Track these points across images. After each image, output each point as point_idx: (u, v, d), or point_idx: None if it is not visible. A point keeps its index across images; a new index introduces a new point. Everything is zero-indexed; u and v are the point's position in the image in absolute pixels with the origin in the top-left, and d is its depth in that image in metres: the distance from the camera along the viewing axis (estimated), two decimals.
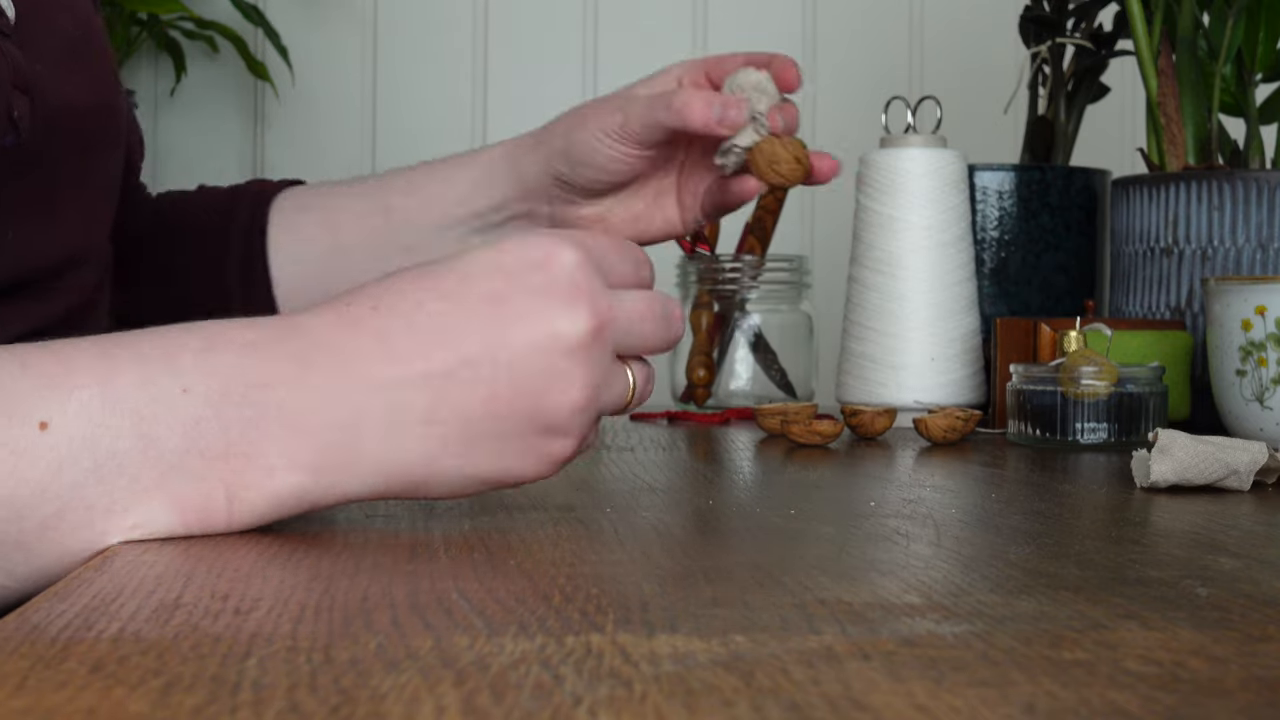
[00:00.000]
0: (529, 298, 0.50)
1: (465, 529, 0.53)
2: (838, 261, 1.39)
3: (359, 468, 0.50)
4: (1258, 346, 0.86)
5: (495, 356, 0.50)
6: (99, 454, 0.47)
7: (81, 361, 0.48)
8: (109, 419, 0.47)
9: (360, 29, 1.99)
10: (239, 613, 0.38)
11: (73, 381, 0.47)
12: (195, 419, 0.48)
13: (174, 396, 0.48)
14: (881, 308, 1.07)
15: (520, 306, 0.50)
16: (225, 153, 1.99)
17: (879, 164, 1.09)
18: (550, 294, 0.50)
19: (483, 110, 1.99)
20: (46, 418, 0.47)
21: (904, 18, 2.00)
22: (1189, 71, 1.08)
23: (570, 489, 0.65)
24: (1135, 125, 1.93)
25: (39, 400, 0.47)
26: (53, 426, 0.47)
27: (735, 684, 0.31)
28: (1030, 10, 1.28)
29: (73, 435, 0.47)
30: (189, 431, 0.48)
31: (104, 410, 0.47)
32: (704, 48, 2.00)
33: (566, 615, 0.38)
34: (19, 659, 0.33)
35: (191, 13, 1.86)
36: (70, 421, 0.47)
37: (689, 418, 1.15)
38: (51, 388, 0.47)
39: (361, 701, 0.29)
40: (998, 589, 0.42)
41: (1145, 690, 0.31)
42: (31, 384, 0.47)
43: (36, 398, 0.47)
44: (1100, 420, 0.89)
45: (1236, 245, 1.04)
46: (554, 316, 0.50)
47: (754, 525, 0.56)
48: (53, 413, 0.47)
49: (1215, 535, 0.54)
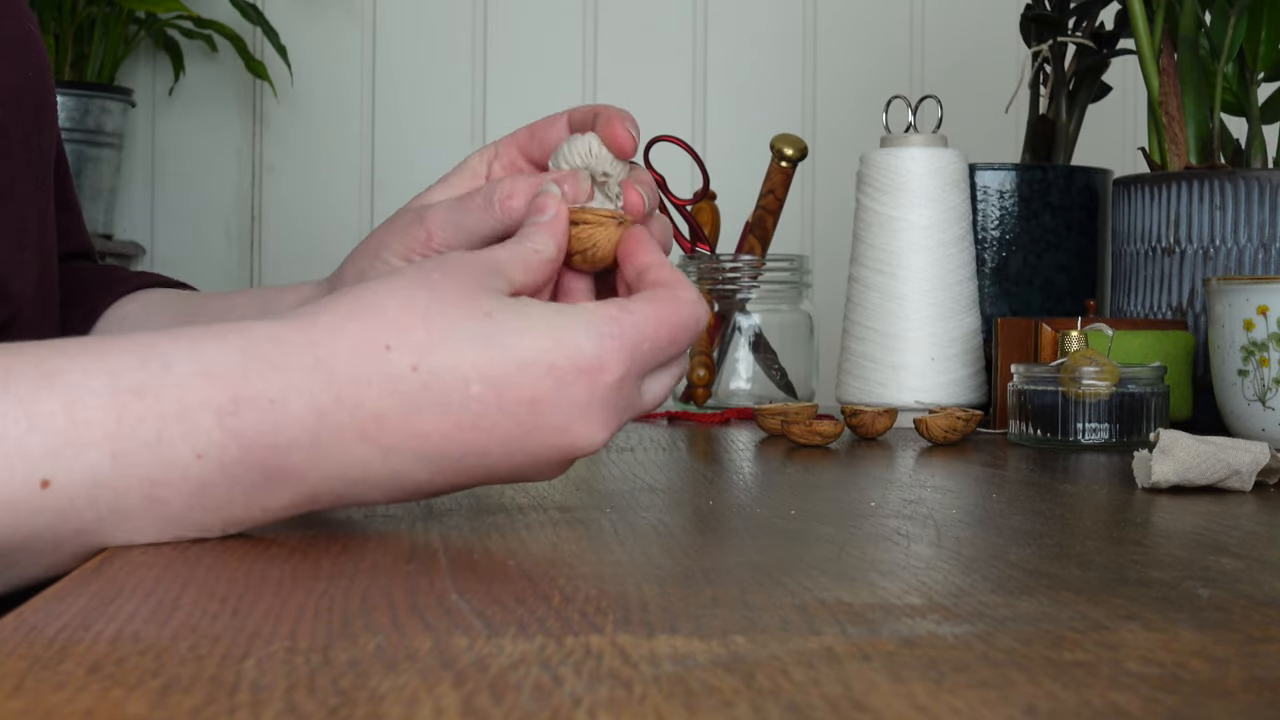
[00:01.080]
0: (566, 412, 0.49)
1: (465, 529, 0.53)
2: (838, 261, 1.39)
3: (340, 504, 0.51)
4: (1260, 346, 0.86)
5: (511, 455, 0.50)
6: (102, 510, 0.46)
7: (92, 413, 0.45)
8: (116, 480, 0.46)
9: (360, 29, 1.98)
10: (237, 614, 0.38)
11: (82, 439, 0.45)
12: (203, 484, 0.47)
13: (188, 462, 0.46)
14: (882, 308, 1.07)
15: (554, 419, 0.49)
16: (224, 152, 1.99)
17: (879, 164, 1.08)
18: (588, 413, 0.50)
19: (482, 110, 1.98)
20: (50, 477, 0.45)
21: (904, 18, 2.00)
22: (1191, 71, 1.08)
23: (570, 489, 0.65)
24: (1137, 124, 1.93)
25: (44, 459, 0.45)
26: (56, 486, 0.45)
27: (735, 684, 0.31)
28: (1031, 9, 1.28)
29: (76, 495, 0.46)
30: (196, 494, 0.47)
31: (113, 473, 0.46)
32: (704, 48, 2.00)
33: (566, 616, 0.38)
34: (17, 660, 0.33)
35: (190, 12, 1.86)
36: (75, 481, 0.45)
37: (689, 418, 1.15)
38: (58, 447, 0.45)
39: (360, 702, 0.29)
40: (998, 589, 0.42)
41: (1146, 691, 0.30)
42: (37, 440, 0.45)
43: (41, 456, 0.45)
44: (1101, 420, 0.89)
45: (1238, 245, 1.04)
46: (581, 434, 0.50)
47: (754, 525, 0.56)
48: (58, 473, 0.45)
49: (1217, 536, 0.53)
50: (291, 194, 1.98)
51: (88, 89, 1.84)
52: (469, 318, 0.49)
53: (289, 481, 0.48)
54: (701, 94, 1.99)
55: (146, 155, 1.98)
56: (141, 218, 1.99)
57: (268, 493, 0.48)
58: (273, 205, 1.98)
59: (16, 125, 0.73)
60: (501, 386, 0.48)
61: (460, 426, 0.48)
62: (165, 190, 1.99)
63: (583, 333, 0.50)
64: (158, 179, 1.99)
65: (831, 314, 1.39)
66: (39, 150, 0.76)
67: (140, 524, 0.47)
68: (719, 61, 1.99)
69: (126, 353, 0.47)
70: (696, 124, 1.99)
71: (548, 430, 0.49)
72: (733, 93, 1.99)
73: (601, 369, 0.50)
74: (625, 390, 0.51)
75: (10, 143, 0.72)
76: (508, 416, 0.49)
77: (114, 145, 1.88)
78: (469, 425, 0.48)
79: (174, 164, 1.99)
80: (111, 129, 1.87)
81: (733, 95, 1.99)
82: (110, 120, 1.86)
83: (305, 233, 1.98)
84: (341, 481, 0.49)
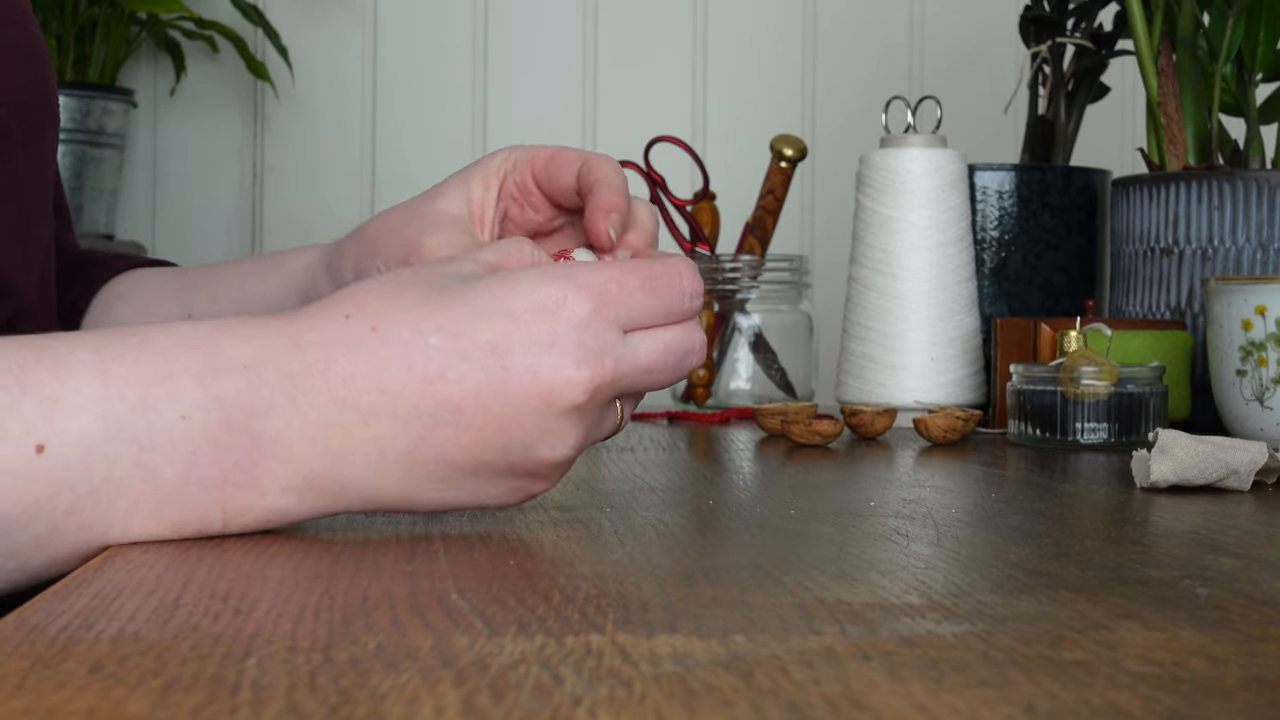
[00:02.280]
0: (531, 351, 0.49)
1: (465, 529, 0.53)
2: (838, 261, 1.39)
3: (342, 494, 0.50)
4: (1258, 346, 0.86)
5: (486, 406, 0.49)
6: (96, 480, 0.47)
7: (79, 378, 0.47)
8: (108, 446, 0.47)
9: (360, 29, 1.98)
10: (238, 613, 0.38)
11: (72, 402, 0.47)
12: (193, 450, 0.48)
13: (173, 424, 0.47)
14: (881, 308, 1.07)
15: (520, 360, 0.49)
16: (225, 152, 1.99)
17: (879, 164, 1.08)
18: (553, 350, 0.49)
19: (483, 110, 1.99)
20: (44, 441, 0.46)
21: (903, 18, 2.00)
22: (1189, 71, 1.08)
23: (570, 489, 0.65)
24: (1135, 125, 1.93)
25: (38, 423, 0.46)
26: (50, 450, 0.46)
27: (735, 684, 0.31)
28: (1030, 10, 1.28)
29: (70, 460, 0.46)
30: (186, 461, 0.48)
31: (104, 437, 0.47)
32: (704, 48, 2.00)
33: (566, 615, 0.38)
34: (18, 659, 0.33)
35: (191, 12, 1.86)
36: (69, 447, 0.46)
37: (689, 418, 1.15)
38: (50, 411, 0.46)
39: (361, 702, 0.29)
40: (998, 589, 0.42)
41: (1145, 690, 0.31)
42: (30, 405, 0.46)
43: (34, 420, 0.46)
44: (1100, 420, 0.89)
45: (1237, 245, 1.04)
46: (552, 376, 0.49)
47: (754, 525, 0.56)
48: (51, 437, 0.46)
49: (1215, 535, 0.54)
50: (292, 194, 1.98)
51: (89, 90, 1.84)
52: (429, 287, 0.50)
53: (276, 452, 0.48)
54: (701, 94, 1.99)
55: (148, 156, 1.98)
56: (143, 218, 1.99)
57: (259, 465, 0.48)
58: (274, 205, 1.98)
59: (20, 127, 0.73)
60: (459, 335, 0.49)
61: (427, 378, 0.48)
62: (167, 190, 1.99)
63: (538, 277, 0.50)
64: (159, 179, 1.99)
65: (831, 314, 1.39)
66: (41, 152, 0.76)
67: (136, 501, 0.47)
68: (719, 62, 1.99)
69: (108, 333, 0.49)
70: (696, 124, 1.99)
71: (517, 374, 0.49)
72: (733, 93, 1.99)
73: (560, 305, 0.49)
74: (595, 329, 0.50)
75: (14, 144, 0.72)
76: (473, 365, 0.48)
77: (115, 146, 1.88)
78: (435, 377, 0.48)
79: (175, 164, 1.99)
80: (113, 129, 1.87)
81: (733, 95, 1.99)
82: (112, 121, 1.86)
83: (306, 233, 1.98)
84: (328, 455, 0.49)
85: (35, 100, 0.75)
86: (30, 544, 0.47)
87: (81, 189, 1.84)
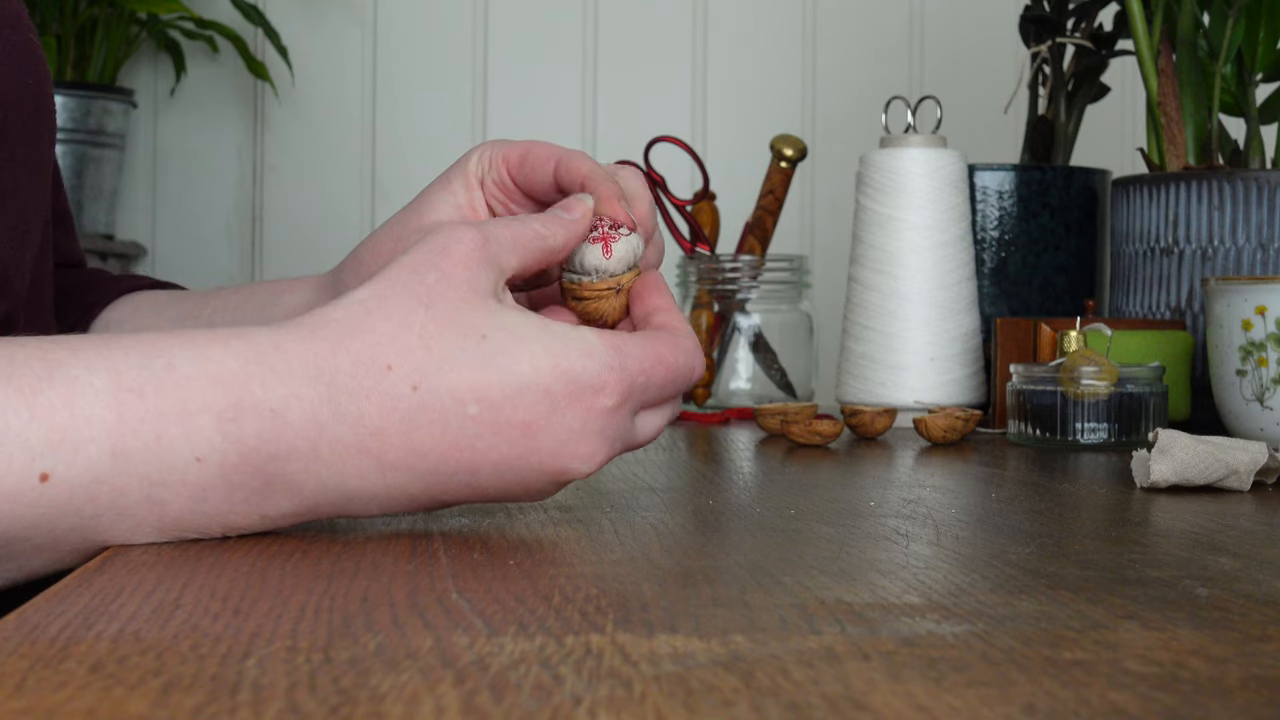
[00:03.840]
0: (560, 437, 0.50)
1: (465, 529, 0.53)
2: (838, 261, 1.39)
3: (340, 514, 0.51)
4: (1258, 346, 0.86)
5: (501, 473, 0.50)
6: (100, 507, 0.46)
7: (93, 409, 0.46)
8: (116, 478, 0.46)
9: (360, 29, 1.99)
10: (238, 613, 0.38)
11: (82, 434, 0.45)
12: (203, 488, 0.47)
13: (186, 464, 0.47)
14: (881, 308, 1.07)
15: (548, 443, 0.50)
16: (225, 152, 1.99)
17: (879, 164, 1.09)
18: (578, 437, 0.50)
19: (483, 111, 1.99)
20: (50, 470, 0.45)
21: (903, 18, 2.00)
22: (1189, 71, 1.08)
23: (570, 489, 0.65)
24: (1135, 125, 1.93)
25: (44, 452, 0.45)
26: (55, 479, 0.45)
27: (735, 684, 0.31)
28: (1030, 10, 1.28)
29: (75, 489, 0.46)
30: (195, 498, 0.47)
31: (112, 470, 0.46)
32: (704, 48, 2.00)
33: (566, 615, 0.38)
34: (18, 659, 0.33)
35: (191, 13, 1.86)
36: (75, 476, 0.45)
37: (689, 418, 1.15)
38: (58, 441, 0.45)
39: (361, 701, 0.29)
40: (998, 589, 0.42)
41: (1145, 690, 0.31)
42: (37, 433, 0.45)
43: (41, 449, 0.45)
44: (1100, 420, 0.89)
45: (1237, 245, 1.04)
46: (570, 459, 0.51)
47: (754, 525, 0.56)
48: (57, 466, 0.45)
49: (1215, 535, 0.54)
50: (292, 194, 1.98)
51: (89, 90, 1.84)
52: (466, 338, 0.49)
53: (287, 490, 0.48)
54: (701, 94, 1.99)
55: (148, 156, 1.99)
56: (143, 218, 1.99)
57: (266, 500, 0.49)
58: (274, 205, 1.98)
59: (18, 128, 0.73)
60: (498, 409, 0.49)
61: (457, 446, 0.49)
62: (166, 190, 1.99)
63: (581, 359, 0.50)
64: (159, 179, 1.99)
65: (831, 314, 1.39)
66: (38, 154, 0.76)
67: (139, 523, 0.47)
68: (719, 61, 1.99)
69: (130, 351, 0.47)
70: (696, 124, 1.99)
71: (540, 454, 0.50)
72: (733, 93, 1.99)
73: (597, 395, 0.50)
74: (619, 420, 0.51)
75: (12, 145, 0.72)
76: (502, 439, 0.50)
77: (115, 146, 1.88)
78: (465, 445, 0.49)
79: (175, 164, 1.99)
80: (113, 130, 1.87)
81: (733, 95, 1.99)
82: (112, 121, 1.86)
83: (306, 233, 1.98)
84: (338, 493, 0.49)
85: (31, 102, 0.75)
86: (29, 551, 0.47)
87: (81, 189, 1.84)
